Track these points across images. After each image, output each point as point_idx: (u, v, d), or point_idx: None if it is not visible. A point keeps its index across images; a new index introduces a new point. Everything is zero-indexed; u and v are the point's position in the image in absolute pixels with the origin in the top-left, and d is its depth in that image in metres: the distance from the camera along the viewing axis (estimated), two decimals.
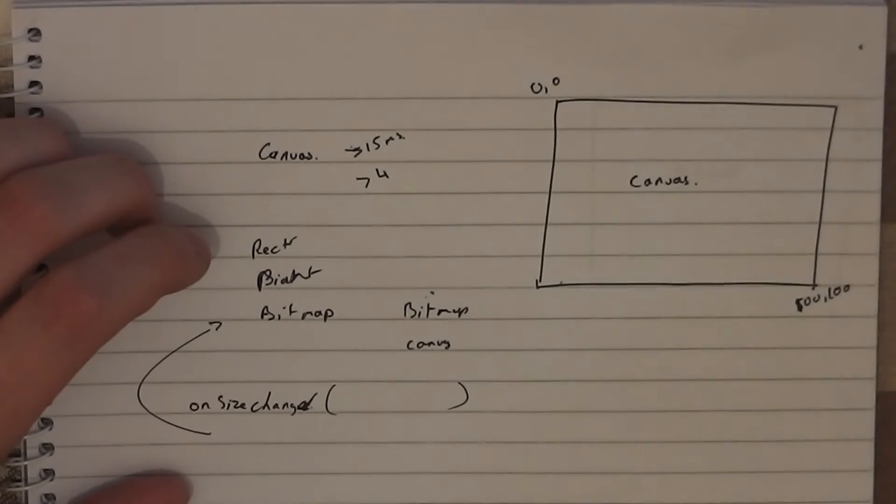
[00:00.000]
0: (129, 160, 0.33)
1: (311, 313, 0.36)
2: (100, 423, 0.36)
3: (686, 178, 0.36)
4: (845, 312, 0.36)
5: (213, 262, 0.35)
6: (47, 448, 0.36)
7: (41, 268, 0.34)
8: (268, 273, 0.36)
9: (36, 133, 0.32)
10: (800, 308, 0.36)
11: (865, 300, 0.36)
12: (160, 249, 0.32)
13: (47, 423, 0.36)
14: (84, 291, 0.30)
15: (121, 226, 0.33)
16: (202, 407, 0.36)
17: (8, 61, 0.35)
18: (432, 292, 0.36)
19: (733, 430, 0.37)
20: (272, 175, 0.35)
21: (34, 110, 0.35)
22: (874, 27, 0.35)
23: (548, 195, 0.36)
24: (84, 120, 0.35)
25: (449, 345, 0.36)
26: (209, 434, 0.36)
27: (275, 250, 0.36)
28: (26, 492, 0.36)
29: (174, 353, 0.36)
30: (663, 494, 0.37)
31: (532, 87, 0.36)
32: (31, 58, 0.35)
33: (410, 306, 0.36)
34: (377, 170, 0.36)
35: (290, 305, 0.36)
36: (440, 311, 0.36)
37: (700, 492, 0.37)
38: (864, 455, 0.37)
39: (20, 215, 0.30)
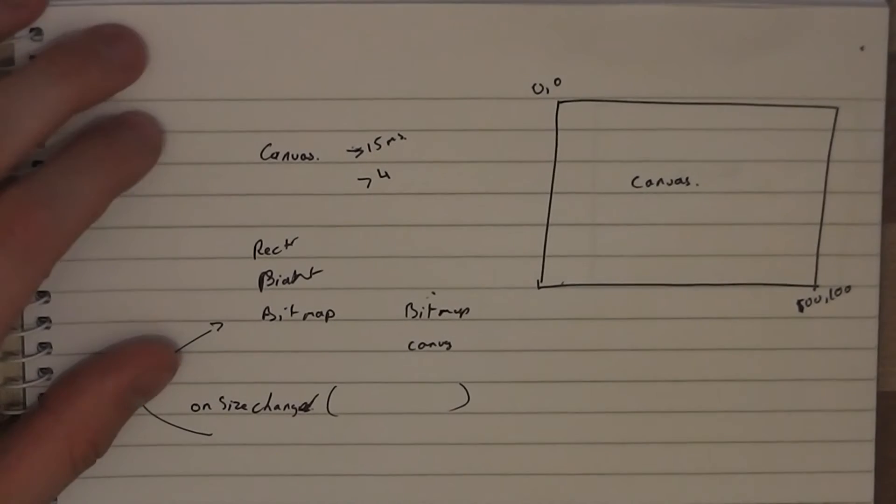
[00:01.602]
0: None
1: (312, 314, 0.36)
2: None
3: (687, 178, 0.36)
4: (846, 313, 0.36)
5: (214, 263, 0.35)
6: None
7: None
8: (269, 274, 0.36)
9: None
10: (801, 309, 0.36)
11: (866, 301, 0.36)
12: (102, 154, 0.33)
13: None
14: (34, 205, 0.31)
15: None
16: (203, 408, 0.36)
17: (9, 60, 0.35)
18: (433, 293, 0.36)
19: (734, 430, 0.37)
20: (273, 175, 0.35)
21: None
22: (875, 28, 0.36)
23: (549, 196, 0.36)
24: (84, 120, 0.35)
25: (450, 345, 0.36)
26: (210, 435, 0.36)
27: (276, 251, 0.36)
28: None
29: (175, 354, 0.36)
30: (664, 495, 0.37)
31: (534, 87, 0.36)
32: (32, 57, 0.35)
33: (412, 307, 0.36)
34: (378, 170, 0.36)
35: (292, 306, 0.36)
36: (441, 312, 0.36)
37: (700, 492, 0.37)
38: (865, 456, 0.37)
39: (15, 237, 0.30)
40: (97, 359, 0.35)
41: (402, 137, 0.36)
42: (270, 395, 0.36)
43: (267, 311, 0.36)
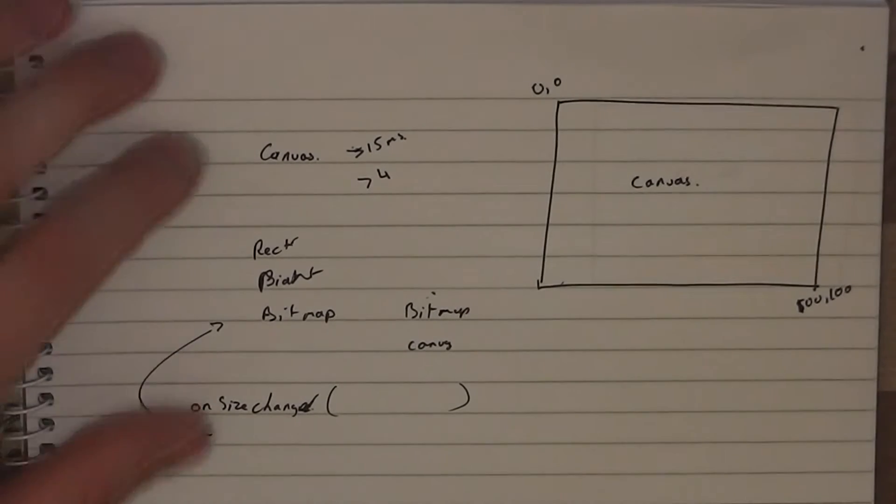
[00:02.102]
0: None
1: (312, 314, 0.36)
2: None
3: (687, 178, 0.36)
4: (846, 313, 0.36)
5: (215, 263, 0.35)
6: (48, 448, 0.36)
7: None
8: (269, 274, 0.36)
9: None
10: (801, 309, 0.36)
11: (866, 301, 0.36)
12: (145, 186, 0.33)
13: (48, 422, 0.36)
14: (74, 237, 0.30)
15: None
16: (203, 408, 0.36)
17: (9, 61, 0.35)
18: (434, 293, 0.36)
19: (734, 430, 0.37)
20: (274, 175, 0.35)
21: None
22: (876, 28, 0.36)
23: (549, 196, 0.36)
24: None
25: (450, 345, 0.36)
26: (210, 435, 0.36)
27: (276, 251, 0.36)
28: None
29: (175, 354, 0.36)
30: (664, 495, 0.37)
31: (533, 87, 0.36)
32: (32, 58, 0.35)
33: (412, 307, 0.36)
34: (378, 170, 0.36)
35: (292, 306, 0.36)
36: (441, 312, 0.36)
37: (700, 492, 0.37)
38: (865, 456, 0.37)
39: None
40: (127, 417, 0.35)
41: (402, 137, 0.36)
42: (270, 395, 0.36)
43: (267, 311, 0.36)
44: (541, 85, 0.36)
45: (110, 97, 0.33)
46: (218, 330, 0.36)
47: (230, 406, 0.36)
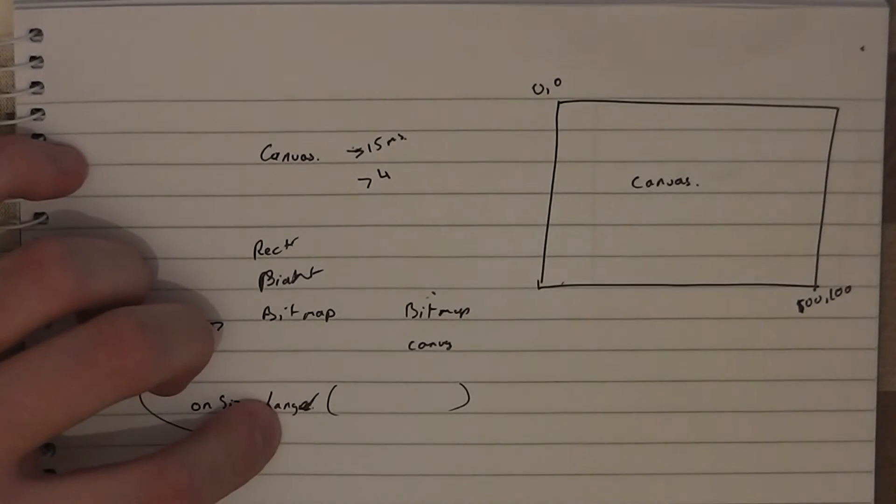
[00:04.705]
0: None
1: (312, 313, 0.36)
2: (101, 423, 0.36)
3: (688, 179, 0.36)
4: (846, 313, 0.36)
5: (215, 263, 0.36)
6: (48, 448, 0.36)
7: None
8: (269, 273, 0.36)
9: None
10: (801, 309, 0.36)
11: (866, 301, 0.36)
12: (204, 329, 0.34)
13: None
14: (141, 342, 0.30)
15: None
16: (203, 407, 0.36)
17: (9, 61, 0.35)
18: (434, 293, 0.36)
19: (734, 430, 0.37)
20: (274, 176, 0.35)
21: (35, 111, 0.35)
22: (876, 28, 0.36)
23: (549, 196, 0.36)
24: (85, 120, 0.35)
25: (450, 345, 0.36)
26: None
27: (276, 251, 0.36)
28: None
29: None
30: (664, 495, 0.37)
31: (534, 87, 0.36)
32: (32, 58, 0.35)
33: (412, 307, 0.36)
34: (379, 170, 0.36)
35: (292, 306, 0.36)
36: (441, 312, 0.36)
37: (701, 492, 0.37)
38: (865, 456, 0.37)
39: (121, 357, 0.30)
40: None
41: (402, 137, 0.36)
42: (271, 393, 0.36)
43: (267, 311, 0.36)
44: (541, 85, 0.36)
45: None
46: (218, 329, 0.36)
47: (231, 405, 0.36)
